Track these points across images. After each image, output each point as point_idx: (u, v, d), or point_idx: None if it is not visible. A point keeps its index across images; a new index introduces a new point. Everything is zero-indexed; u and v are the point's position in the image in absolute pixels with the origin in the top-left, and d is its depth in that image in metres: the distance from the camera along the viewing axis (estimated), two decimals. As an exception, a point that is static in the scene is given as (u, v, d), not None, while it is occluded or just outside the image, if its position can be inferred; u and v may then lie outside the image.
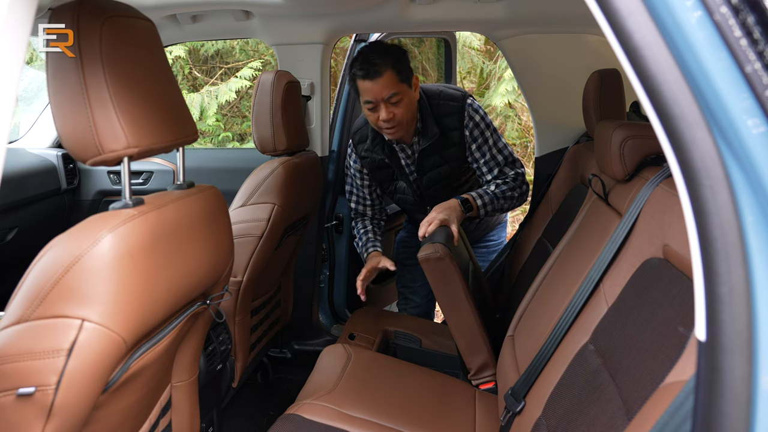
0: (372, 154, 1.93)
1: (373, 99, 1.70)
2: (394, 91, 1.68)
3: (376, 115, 1.73)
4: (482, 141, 1.85)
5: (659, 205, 0.98)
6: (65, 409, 0.78)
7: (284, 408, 1.37)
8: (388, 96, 1.68)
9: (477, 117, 1.84)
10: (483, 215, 1.81)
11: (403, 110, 1.72)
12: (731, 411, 0.46)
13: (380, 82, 1.66)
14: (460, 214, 1.73)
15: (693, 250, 0.50)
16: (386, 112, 1.70)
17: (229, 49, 5.59)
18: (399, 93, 1.69)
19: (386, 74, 1.66)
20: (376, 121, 1.75)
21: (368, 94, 1.70)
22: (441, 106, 1.85)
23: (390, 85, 1.67)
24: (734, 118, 0.48)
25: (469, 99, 1.86)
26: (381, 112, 1.71)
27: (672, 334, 0.74)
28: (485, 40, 5.55)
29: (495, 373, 1.56)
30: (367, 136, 1.94)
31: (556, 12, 1.95)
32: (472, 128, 1.84)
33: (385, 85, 1.67)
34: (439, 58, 3.22)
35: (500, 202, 1.82)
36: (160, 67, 0.96)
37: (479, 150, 1.86)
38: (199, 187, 1.09)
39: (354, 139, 2.02)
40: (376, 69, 1.65)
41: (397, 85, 1.69)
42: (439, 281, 1.51)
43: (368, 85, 1.68)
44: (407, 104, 1.73)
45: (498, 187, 1.83)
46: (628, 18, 0.49)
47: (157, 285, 0.89)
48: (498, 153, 1.86)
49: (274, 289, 1.96)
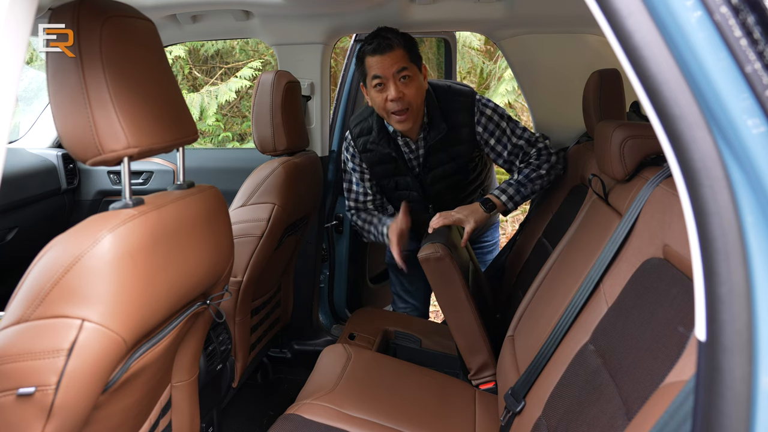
0: (377, 146, 1.84)
1: (382, 74, 1.63)
2: (404, 65, 1.63)
3: (384, 94, 1.65)
4: (500, 133, 1.79)
5: (659, 205, 0.98)
6: (65, 409, 0.78)
7: (284, 408, 1.37)
8: (398, 70, 1.62)
9: (488, 111, 1.78)
10: (513, 207, 1.77)
11: (413, 91, 1.65)
12: (731, 411, 0.46)
13: (391, 56, 1.62)
14: (482, 215, 1.71)
15: (693, 250, 0.50)
16: (395, 89, 1.63)
17: (229, 49, 5.60)
18: (409, 69, 1.64)
19: (397, 49, 1.62)
20: (383, 103, 1.67)
21: (377, 68, 1.63)
22: (449, 101, 1.78)
23: (401, 60, 1.63)
24: (734, 118, 0.48)
25: (478, 95, 1.82)
26: (390, 90, 1.63)
27: (672, 334, 0.74)
28: (485, 40, 5.55)
29: (495, 373, 1.56)
30: (370, 129, 1.86)
31: (556, 12, 1.95)
32: (486, 123, 1.78)
33: (395, 59, 1.62)
34: (439, 58, 3.23)
35: (528, 188, 1.77)
36: (160, 67, 0.96)
37: (500, 143, 1.80)
38: (199, 187, 1.09)
39: (353, 131, 1.93)
40: (387, 43, 1.61)
41: (407, 62, 1.64)
42: (439, 281, 1.51)
43: (377, 59, 1.62)
44: (417, 86, 1.67)
45: (520, 173, 1.78)
46: (628, 18, 0.49)
47: (157, 285, 0.89)
48: (518, 139, 1.80)
49: (274, 289, 1.96)
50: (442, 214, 1.68)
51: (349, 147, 1.95)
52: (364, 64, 1.68)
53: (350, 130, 1.95)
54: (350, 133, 1.95)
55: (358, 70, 1.73)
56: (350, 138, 1.94)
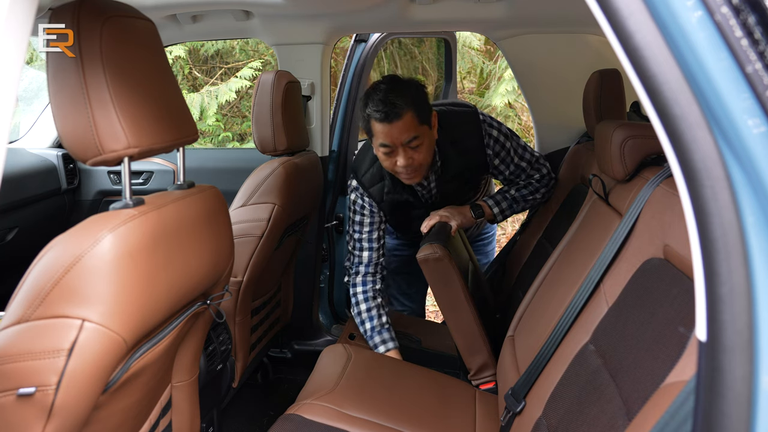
0: (394, 195, 1.76)
1: (390, 143, 1.54)
2: (415, 134, 1.53)
3: (392, 160, 1.57)
4: (504, 154, 1.78)
5: (660, 205, 0.98)
6: (66, 409, 0.78)
7: (284, 408, 1.37)
8: (407, 140, 1.53)
9: (494, 132, 1.76)
10: (501, 219, 1.79)
11: (423, 155, 1.57)
12: (732, 411, 0.46)
13: (399, 125, 1.51)
14: (469, 217, 1.72)
15: (693, 250, 0.50)
16: (405, 158, 1.55)
17: (229, 49, 5.59)
18: (419, 136, 1.54)
19: (406, 116, 1.50)
20: (392, 167, 1.60)
21: (385, 137, 1.53)
22: (455, 127, 1.71)
23: (410, 128, 1.52)
24: (735, 118, 0.48)
25: (480, 115, 1.76)
26: (399, 157, 1.56)
27: (672, 334, 0.74)
28: (485, 40, 5.55)
29: (495, 373, 1.56)
30: (382, 176, 1.77)
31: (556, 12, 1.95)
32: (493, 145, 1.76)
33: (404, 128, 1.51)
34: (439, 58, 3.23)
35: (520, 205, 1.79)
36: (160, 67, 0.96)
37: (503, 163, 1.79)
38: (199, 187, 1.09)
39: (363, 181, 1.80)
40: (395, 111, 1.49)
41: (417, 127, 1.53)
42: (438, 282, 1.51)
43: (385, 128, 1.52)
44: (427, 147, 1.58)
45: (519, 191, 1.80)
46: (628, 18, 0.49)
47: (158, 285, 0.89)
48: (521, 160, 1.81)
49: (274, 289, 1.96)
50: (431, 215, 1.69)
51: (363, 196, 1.82)
52: (369, 126, 1.57)
53: (358, 180, 1.83)
54: (360, 184, 1.82)
55: (362, 126, 1.62)
56: (362, 189, 1.82)
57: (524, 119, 5.62)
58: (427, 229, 1.68)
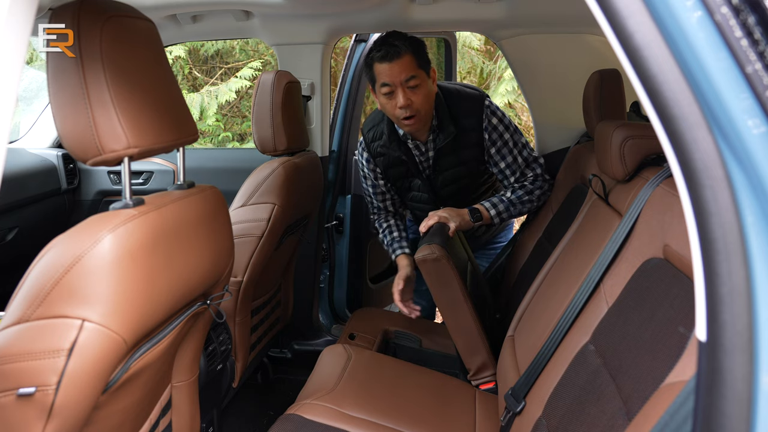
0: (388, 150, 1.88)
1: (390, 82, 1.65)
2: (413, 74, 1.64)
3: (393, 101, 1.68)
4: (501, 144, 1.82)
5: (660, 206, 0.97)
6: (66, 409, 0.78)
7: (284, 408, 1.37)
8: (406, 78, 1.64)
9: (495, 119, 1.81)
10: (498, 223, 1.81)
11: (421, 98, 1.67)
12: (732, 411, 0.46)
13: (399, 64, 1.63)
14: (467, 220, 1.74)
15: (693, 250, 0.50)
16: (404, 97, 1.65)
17: (229, 49, 5.60)
18: (417, 77, 1.65)
19: (405, 56, 1.63)
20: (393, 109, 1.70)
21: (386, 76, 1.65)
22: (458, 106, 1.80)
23: (409, 68, 1.64)
24: (735, 119, 0.48)
25: (487, 100, 1.83)
26: (398, 97, 1.65)
27: (672, 334, 0.74)
28: (485, 40, 5.55)
29: (494, 374, 1.56)
30: (382, 133, 1.89)
31: (556, 12, 1.95)
32: (491, 131, 1.81)
33: (403, 67, 1.63)
34: (439, 58, 3.22)
35: (517, 208, 1.82)
36: (161, 67, 0.96)
37: (499, 153, 1.83)
38: (199, 187, 1.09)
39: (367, 136, 1.96)
40: (395, 50, 1.62)
41: (415, 69, 1.65)
42: (436, 282, 1.50)
43: (386, 67, 1.64)
44: (425, 93, 1.68)
45: (514, 193, 1.83)
46: (628, 18, 0.49)
47: (158, 285, 0.89)
48: (518, 155, 1.84)
49: (274, 289, 1.96)
50: (430, 215, 1.70)
51: (363, 152, 1.98)
52: (372, 70, 1.69)
53: (364, 135, 1.98)
54: (364, 138, 1.98)
55: (367, 75, 1.74)
56: (364, 143, 1.97)
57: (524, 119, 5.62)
58: (425, 229, 1.68)
